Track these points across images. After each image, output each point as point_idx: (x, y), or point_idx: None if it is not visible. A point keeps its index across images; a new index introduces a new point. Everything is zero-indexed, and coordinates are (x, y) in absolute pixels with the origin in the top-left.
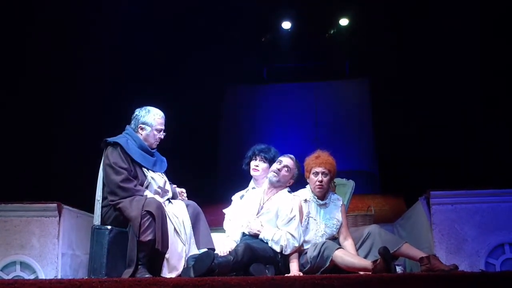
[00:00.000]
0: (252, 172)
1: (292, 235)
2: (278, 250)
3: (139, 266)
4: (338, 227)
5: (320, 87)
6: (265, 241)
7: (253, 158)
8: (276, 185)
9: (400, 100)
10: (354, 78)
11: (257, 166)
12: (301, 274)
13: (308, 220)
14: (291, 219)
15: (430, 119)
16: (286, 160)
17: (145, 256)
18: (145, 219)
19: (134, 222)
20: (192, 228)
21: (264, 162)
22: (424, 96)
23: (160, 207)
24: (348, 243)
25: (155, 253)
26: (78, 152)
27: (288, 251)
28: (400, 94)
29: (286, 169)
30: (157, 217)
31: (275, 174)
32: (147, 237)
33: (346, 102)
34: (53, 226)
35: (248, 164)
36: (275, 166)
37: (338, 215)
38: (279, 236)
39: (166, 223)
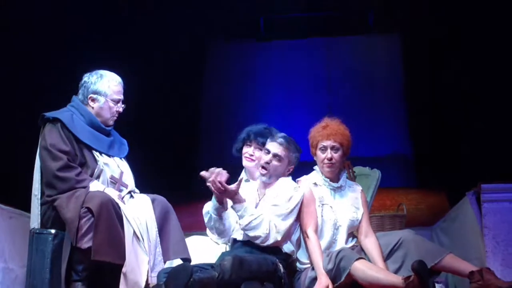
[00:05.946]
0: (244, 162)
1: (277, 227)
2: (251, 235)
3: (76, 283)
4: (359, 218)
5: (335, 44)
6: (238, 214)
7: (247, 143)
8: (269, 182)
9: (441, 62)
10: (380, 33)
11: (251, 154)
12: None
13: (323, 208)
14: (287, 215)
15: (481, 87)
16: (274, 147)
17: (85, 269)
18: (85, 219)
19: (70, 226)
20: (159, 232)
21: (261, 150)
22: (472, 55)
23: (106, 203)
24: (370, 242)
25: (108, 266)
26: (11, 133)
27: (268, 243)
28: (441, 54)
29: (276, 158)
30: (98, 215)
31: (264, 171)
32: (86, 243)
33: (369, 63)
34: None
35: (240, 151)
36: (262, 158)
37: (358, 203)
38: (260, 220)
39: (116, 224)
